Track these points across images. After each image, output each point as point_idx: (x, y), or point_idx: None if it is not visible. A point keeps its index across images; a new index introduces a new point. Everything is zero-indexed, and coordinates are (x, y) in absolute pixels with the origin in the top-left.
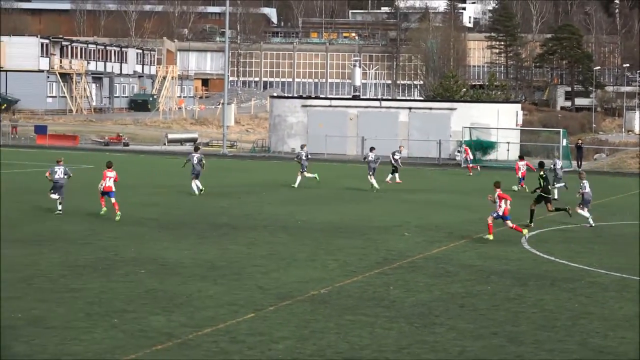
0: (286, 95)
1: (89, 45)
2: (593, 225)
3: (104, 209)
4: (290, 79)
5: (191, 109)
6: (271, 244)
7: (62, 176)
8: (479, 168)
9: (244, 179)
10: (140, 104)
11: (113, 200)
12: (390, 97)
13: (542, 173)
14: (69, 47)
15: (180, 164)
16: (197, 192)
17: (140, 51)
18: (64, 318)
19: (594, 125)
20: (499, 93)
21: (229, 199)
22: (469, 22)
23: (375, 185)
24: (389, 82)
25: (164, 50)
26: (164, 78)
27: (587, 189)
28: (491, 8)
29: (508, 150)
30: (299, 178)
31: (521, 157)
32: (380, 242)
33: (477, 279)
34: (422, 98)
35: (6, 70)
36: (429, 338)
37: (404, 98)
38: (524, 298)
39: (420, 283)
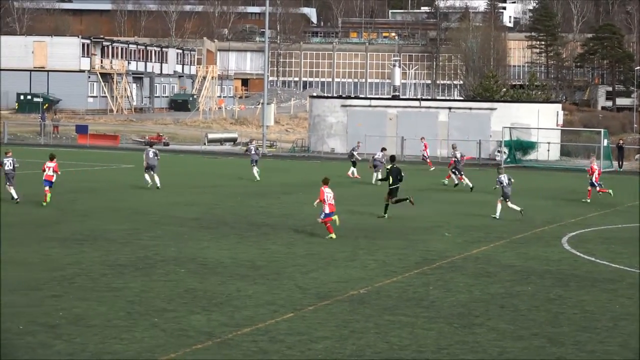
0: (326, 95)
1: (130, 46)
2: (497, 217)
3: (46, 202)
4: (330, 79)
5: (231, 109)
6: (310, 243)
7: (11, 167)
8: (432, 165)
9: (284, 178)
10: (181, 104)
11: (47, 188)
12: (429, 97)
13: (388, 167)
14: (110, 47)
15: (220, 164)
16: (149, 183)
17: (181, 51)
18: (105, 317)
19: (635, 125)
20: (539, 93)
21: (269, 199)
22: (509, 22)
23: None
24: (429, 82)
25: (204, 50)
26: (204, 78)
27: (505, 183)
28: (531, 7)
29: (548, 150)
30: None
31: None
32: (420, 242)
33: (517, 280)
34: (461, 98)
35: (48, 70)
36: (468, 339)
37: (443, 98)
38: (565, 299)
39: (460, 283)
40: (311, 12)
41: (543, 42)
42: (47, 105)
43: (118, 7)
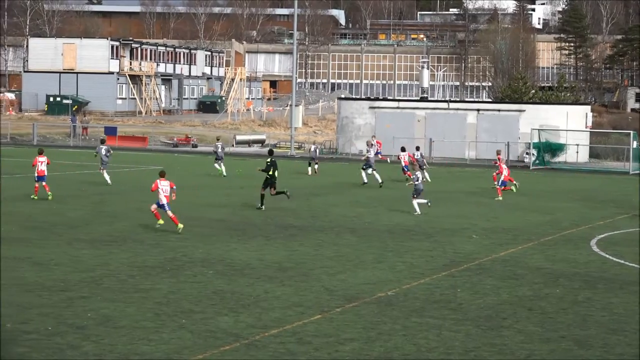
0: (354, 97)
1: (159, 47)
2: (419, 213)
3: (36, 196)
4: (358, 81)
5: (259, 111)
6: (338, 245)
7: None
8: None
9: (311, 180)
10: (209, 106)
11: (44, 183)
12: (458, 99)
13: (268, 160)
14: (139, 49)
15: (247, 165)
16: (109, 181)
17: (209, 53)
18: (133, 318)
19: None
20: (568, 95)
21: (296, 200)
22: (538, 23)
23: (365, 179)
24: (457, 83)
25: (232, 52)
26: (233, 80)
27: (419, 180)
28: (561, 9)
29: (577, 152)
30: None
31: (402, 149)
32: (447, 244)
33: (545, 282)
34: (490, 100)
35: (77, 72)
36: (496, 341)
37: (472, 100)
38: (593, 301)
39: (487, 286)
40: (340, 14)
41: (572, 44)
42: (76, 107)
43: (147, 9)
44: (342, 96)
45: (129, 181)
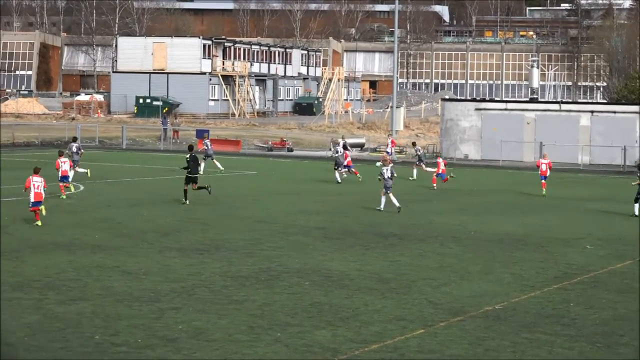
0: (458, 98)
1: (252, 46)
2: (382, 209)
3: (64, 195)
4: (463, 81)
5: (358, 113)
6: (442, 255)
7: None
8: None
9: (413, 186)
10: (305, 107)
11: (67, 181)
12: (570, 100)
13: (187, 156)
14: (232, 48)
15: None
16: (85, 172)
17: (305, 52)
18: (226, 331)
19: None
20: None
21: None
22: None
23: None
24: (569, 83)
25: (329, 51)
26: (330, 80)
27: (388, 175)
28: None
29: None
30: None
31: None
32: (559, 255)
33: None
34: (605, 101)
35: (168, 73)
36: (612, 359)
37: (585, 101)
38: None
39: (603, 300)
40: (443, 10)
41: None
42: (166, 108)
43: (241, 6)
44: (446, 97)
45: (222, 187)
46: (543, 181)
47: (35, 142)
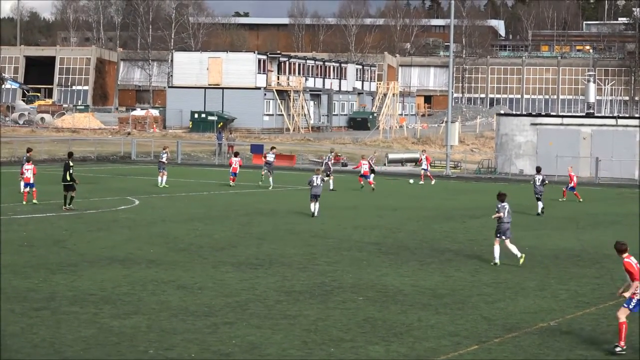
0: (514, 112)
1: (307, 61)
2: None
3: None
4: (519, 96)
5: (413, 128)
6: (497, 271)
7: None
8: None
9: (469, 201)
10: (360, 122)
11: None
12: (627, 115)
13: (68, 162)
14: (287, 63)
15: (400, 185)
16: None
17: (360, 67)
18: (280, 346)
19: None
20: None
21: (452, 223)
22: None
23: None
24: (626, 98)
25: (384, 66)
26: (385, 95)
27: (316, 184)
28: None
29: None
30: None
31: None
32: (616, 272)
33: None
34: None
35: (223, 88)
36: None
37: None
38: None
39: None
40: (499, 25)
41: None
42: (221, 123)
43: (296, 21)
44: (502, 112)
45: (277, 201)
46: (575, 192)
47: (91, 156)
